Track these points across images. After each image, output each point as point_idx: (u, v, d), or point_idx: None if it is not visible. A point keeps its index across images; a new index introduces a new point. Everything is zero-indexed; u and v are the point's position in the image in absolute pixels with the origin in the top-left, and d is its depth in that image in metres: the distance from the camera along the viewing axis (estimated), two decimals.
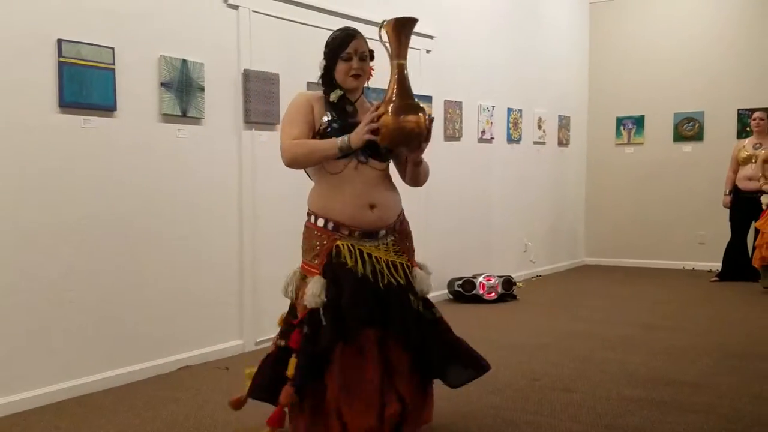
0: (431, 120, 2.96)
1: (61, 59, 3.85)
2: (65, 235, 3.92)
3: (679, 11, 8.94)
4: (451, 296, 6.80)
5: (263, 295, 4.99)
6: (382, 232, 3.06)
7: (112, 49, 4.08)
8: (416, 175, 3.19)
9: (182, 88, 4.46)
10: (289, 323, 3.04)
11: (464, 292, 6.72)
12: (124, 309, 4.20)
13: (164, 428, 3.46)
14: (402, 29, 2.88)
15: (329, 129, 2.96)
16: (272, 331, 5.01)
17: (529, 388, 4.05)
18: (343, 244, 2.96)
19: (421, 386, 3.11)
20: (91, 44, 3.98)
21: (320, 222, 3.01)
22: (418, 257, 3.23)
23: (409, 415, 3.02)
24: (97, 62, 4.00)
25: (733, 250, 7.85)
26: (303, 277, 3.02)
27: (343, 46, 2.98)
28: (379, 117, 2.81)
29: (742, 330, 5.50)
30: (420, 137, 2.92)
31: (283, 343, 2.99)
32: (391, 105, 2.82)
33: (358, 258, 2.96)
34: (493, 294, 6.73)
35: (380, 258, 3.00)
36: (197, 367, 4.50)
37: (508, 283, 6.88)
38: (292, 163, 2.95)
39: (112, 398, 3.92)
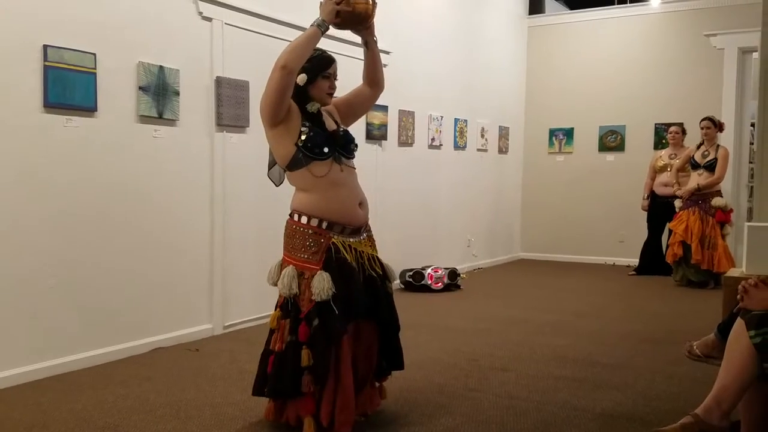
0: (375, 4, 3.01)
1: (47, 63, 3.76)
2: (47, 225, 3.83)
3: (605, 38, 9.07)
4: (402, 286, 6.80)
5: (231, 283, 4.96)
6: (363, 228, 3.11)
7: (94, 54, 3.99)
8: (375, 62, 3.18)
9: (159, 92, 4.39)
10: (295, 318, 2.91)
11: (414, 282, 6.74)
12: (101, 295, 4.12)
13: (138, 404, 3.39)
14: None
15: (310, 135, 2.93)
16: (240, 316, 5.03)
17: (470, 368, 4.07)
18: (338, 241, 2.97)
19: (378, 374, 3.21)
20: (74, 50, 3.89)
21: (314, 222, 2.94)
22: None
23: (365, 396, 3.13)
24: (79, 66, 3.91)
25: (649, 248, 7.99)
26: (300, 274, 2.93)
27: (327, 66, 3.02)
28: None
29: (656, 318, 5.61)
30: (367, 19, 2.99)
31: (291, 338, 2.89)
32: None
33: (352, 254, 3.00)
34: (439, 284, 6.75)
35: (363, 252, 3.07)
36: (169, 349, 4.43)
37: (453, 274, 6.91)
38: (288, 60, 2.81)
39: (90, 376, 3.83)
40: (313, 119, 3.00)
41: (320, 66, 3.01)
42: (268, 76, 2.88)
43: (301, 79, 2.96)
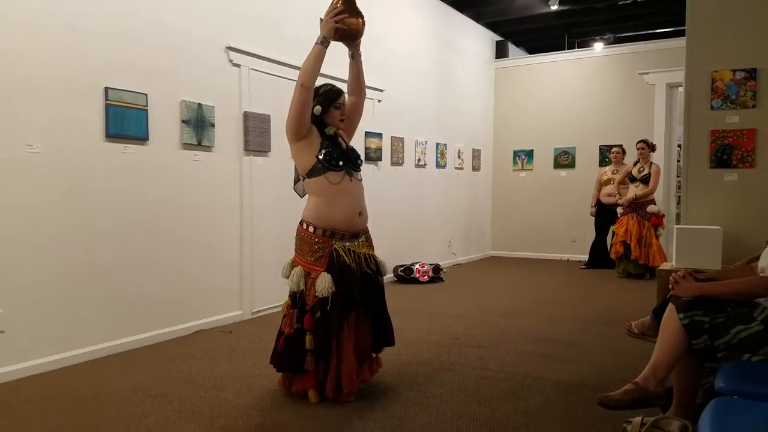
0: (364, 23, 3.04)
1: (108, 102, 3.77)
2: (109, 232, 3.84)
3: (558, 76, 9.11)
4: (395, 279, 6.81)
5: (258, 276, 4.96)
6: (361, 233, 3.10)
7: (146, 95, 4.00)
8: (359, 71, 3.14)
9: (198, 124, 4.40)
10: (301, 309, 2.94)
11: (405, 275, 6.73)
12: (153, 288, 4.12)
13: (182, 377, 3.39)
14: None
15: (329, 150, 2.96)
16: (265, 303, 5.03)
17: (451, 345, 4.08)
18: (339, 247, 2.97)
19: (373, 348, 3.21)
20: (130, 91, 3.90)
21: (319, 231, 2.96)
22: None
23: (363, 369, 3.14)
24: (134, 104, 3.92)
25: (596, 246, 8.00)
26: (307, 274, 2.96)
27: (337, 98, 3.05)
28: (336, 14, 2.90)
29: (603, 304, 5.62)
30: (359, 34, 3.01)
31: (298, 326, 2.93)
32: (340, 12, 2.91)
33: (350, 256, 3.00)
34: (426, 277, 6.75)
35: (360, 253, 3.06)
36: (208, 331, 4.43)
37: (436, 269, 6.91)
38: (304, 79, 2.84)
39: (143, 354, 3.84)
40: (331, 139, 3.03)
41: (331, 98, 3.04)
42: (289, 104, 2.92)
43: (317, 110, 3.00)
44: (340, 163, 2.97)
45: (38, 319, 3.50)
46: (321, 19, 2.95)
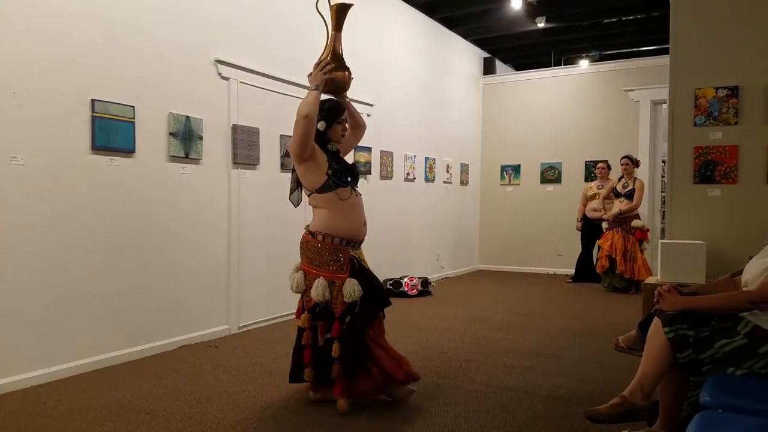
0: (351, 75, 3.14)
1: (94, 114, 3.75)
2: (93, 245, 3.79)
3: (545, 93, 9.19)
4: None
5: (245, 291, 4.92)
6: (362, 242, 3.19)
7: (133, 107, 3.98)
8: (353, 114, 3.24)
9: (186, 137, 4.38)
10: (329, 319, 2.98)
11: (393, 289, 6.71)
12: (136, 301, 4.07)
13: (167, 392, 3.35)
14: (343, 11, 3.08)
15: (337, 167, 3.03)
16: (251, 318, 4.98)
17: (440, 359, 4.06)
18: (355, 254, 3.08)
19: None
20: (117, 103, 3.88)
21: (336, 240, 3.02)
22: None
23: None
24: (121, 116, 3.90)
25: (582, 260, 8.03)
26: (331, 282, 2.99)
27: (340, 114, 3.12)
28: (325, 65, 3.00)
29: (589, 317, 5.63)
30: (345, 87, 3.13)
31: (328, 336, 2.98)
32: (328, 64, 3.02)
33: (363, 262, 3.12)
34: (414, 291, 6.74)
35: (363, 261, 3.16)
36: (193, 346, 4.38)
37: (425, 282, 6.90)
38: (307, 111, 2.89)
39: (128, 370, 3.78)
40: (334, 156, 3.10)
41: (335, 114, 3.11)
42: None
43: (321, 125, 3.07)
44: (348, 178, 3.07)
45: (19, 334, 3.43)
46: (309, 75, 3.05)
